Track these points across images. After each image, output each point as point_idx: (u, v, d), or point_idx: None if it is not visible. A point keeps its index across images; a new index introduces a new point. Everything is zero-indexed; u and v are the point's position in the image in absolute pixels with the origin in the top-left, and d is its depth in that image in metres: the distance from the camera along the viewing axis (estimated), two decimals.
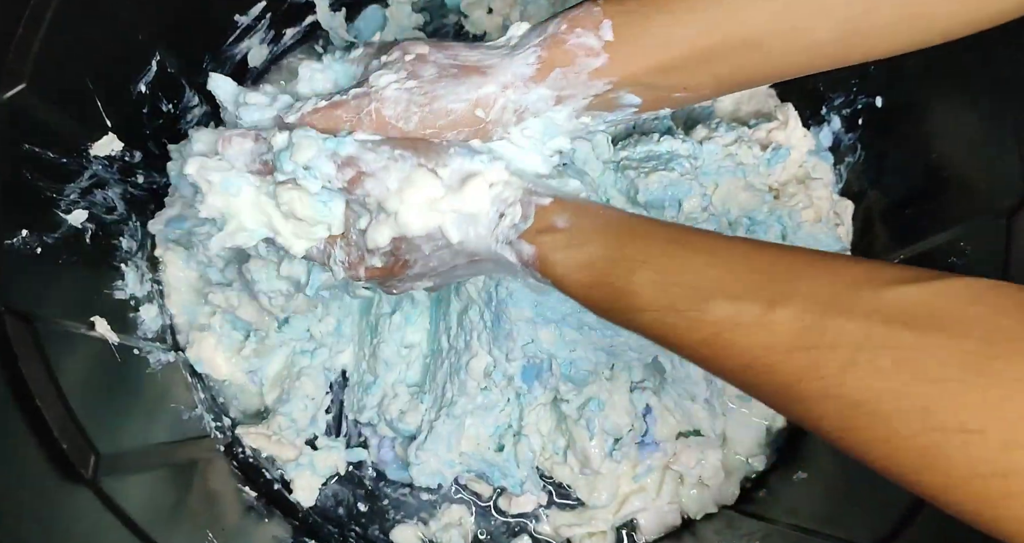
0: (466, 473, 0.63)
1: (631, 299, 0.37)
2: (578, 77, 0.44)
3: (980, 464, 0.28)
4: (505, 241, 0.41)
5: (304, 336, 0.65)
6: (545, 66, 0.44)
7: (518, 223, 0.41)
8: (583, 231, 0.40)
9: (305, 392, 0.65)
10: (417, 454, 0.62)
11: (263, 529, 0.63)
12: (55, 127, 0.53)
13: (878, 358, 0.30)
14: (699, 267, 0.36)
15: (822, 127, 0.67)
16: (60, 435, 0.47)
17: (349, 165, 0.43)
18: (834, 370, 0.31)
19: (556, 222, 0.40)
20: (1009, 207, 0.49)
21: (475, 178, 0.42)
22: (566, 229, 0.40)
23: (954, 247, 0.54)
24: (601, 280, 0.39)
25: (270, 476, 0.66)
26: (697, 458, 0.63)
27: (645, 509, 0.65)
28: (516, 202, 0.41)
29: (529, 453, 0.62)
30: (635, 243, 0.39)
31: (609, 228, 0.40)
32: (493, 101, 0.44)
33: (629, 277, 0.37)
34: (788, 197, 0.64)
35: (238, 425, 0.66)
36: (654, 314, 0.37)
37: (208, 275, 0.65)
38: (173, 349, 0.66)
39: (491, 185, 0.42)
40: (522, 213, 0.41)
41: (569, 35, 0.44)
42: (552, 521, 0.65)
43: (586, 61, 0.44)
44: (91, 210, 0.57)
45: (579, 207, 0.41)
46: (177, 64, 0.63)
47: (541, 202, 0.41)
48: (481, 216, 0.42)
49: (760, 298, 0.33)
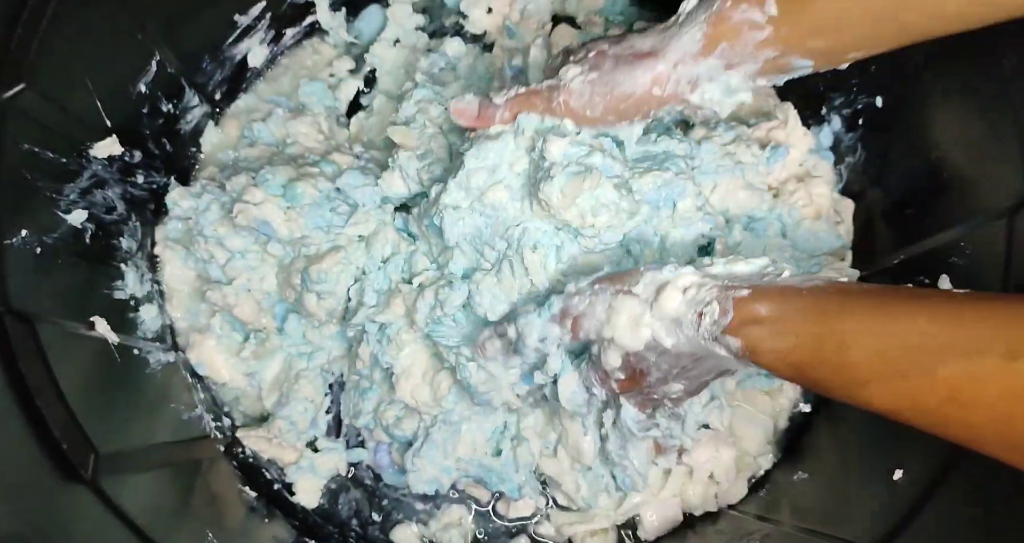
0: (464, 478, 0.63)
1: (852, 373, 0.37)
2: (745, 48, 0.47)
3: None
4: (711, 338, 0.42)
5: (301, 340, 0.65)
6: (710, 41, 0.47)
7: (718, 320, 0.41)
8: (787, 315, 0.39)
9: (304, 395, 0.65)
10: (414, 461, 0.61)
11: (264, 529, 0.63)
12: (55, 127, 0.53)
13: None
14: (922, 327, 0.35)
15: (822, 127, 0.67)
16: (60, 435, 0.47)
17: (565, 317, 0.48)
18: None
19: (758, 311, 0.40)
20: (1010, 207, 0.49)
21: (667, 287, 0.43)
22: (769, 317, 0.40)
23: (955, 247, 0.54)
24: (815, 360, 0.38)
25: (270, 477, 0.66)
26: (711, 453, 0.63)
27: (647, 503, 0.64)
28: (712, 300, 0.42)
29: (529, 457, 0.62)
30: (844, 317, 0.38)
31: (813, 306, 0.39)
32: (667, 78, 0.49)
33: (845, 352, 0.37)
34: (788, 195, 0.63)
35: (239, 428, 0.66)
36: (881, 385, 0.36)
37: (207, 272, 0.65)
38: (173, 349, 0.66)
39: (684, 290, 0.43)
40: (720, 309, 0.41)
41: (734, 11, 0.46)
42: (554, 520, 0.65)
43: (751, 34, 0.46)
44: (91, 210, 0.57)
45: (778, 291, 0.41)
46: (177, 64, 0.63)
47: (739, 294, 0.41)
48: (683, 319, 0.43)
49: (995, 349, 0.33)
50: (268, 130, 0.68)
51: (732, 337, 0.41)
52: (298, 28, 0.73)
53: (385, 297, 0.61)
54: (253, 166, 0.65)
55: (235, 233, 0.62)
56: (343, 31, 0.74)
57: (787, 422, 0.66)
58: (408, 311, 0.60)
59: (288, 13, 0.71)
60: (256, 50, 0.71)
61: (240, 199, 0.61)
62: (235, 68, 0.70)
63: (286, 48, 0.73)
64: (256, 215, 0.61)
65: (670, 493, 0.64)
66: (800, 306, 0.39)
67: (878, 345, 0.36)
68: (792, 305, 0.40)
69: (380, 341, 0.61)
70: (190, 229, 0.64)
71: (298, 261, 0.63)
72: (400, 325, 0.61)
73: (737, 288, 0.42)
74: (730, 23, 0.46)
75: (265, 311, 0.65)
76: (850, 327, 0.37)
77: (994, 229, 0.50)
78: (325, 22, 0.73)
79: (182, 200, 0.64)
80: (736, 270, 0.44)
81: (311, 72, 0.73)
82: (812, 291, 0.40)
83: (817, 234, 0.62)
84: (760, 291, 0.41)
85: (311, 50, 0.74)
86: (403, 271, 0.62)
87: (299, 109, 0.71)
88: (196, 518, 0.58)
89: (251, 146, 0.69)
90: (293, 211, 0.61)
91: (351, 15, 0.74)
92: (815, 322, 0.38)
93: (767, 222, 0.61)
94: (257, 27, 0.69)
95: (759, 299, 0.41)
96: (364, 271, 0.63)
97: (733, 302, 0.41)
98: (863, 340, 0.36)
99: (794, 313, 0.39)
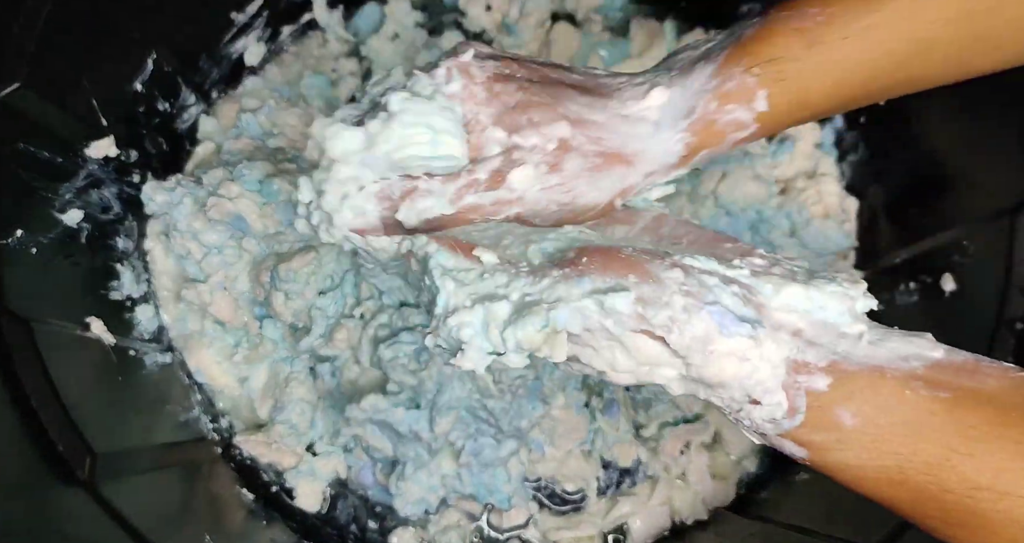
0: (452, 494, 0.63)
1: (982, 536, 0.29)
2: (720, 150, 0.41)
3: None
4: (755, 430, 0.33)
5: (282, 344, 0.65)
6: (691, 152, 0.40)
7: (781, 419, 0.32)
8: (883, 433, 0.30)
9: (298, 395, 0.64)
10: (398, 485, 0.61)
11: (262, 533, 0.63)
12: (50, 126, 0.52)
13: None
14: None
15: (824, 125, 0.67)
16: (56, 436, 0.46)
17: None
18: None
19: (840, 418, 0.31)
20: (1012, 206, 0.49)
21: (721, 357, 0.32)
22: (855, 429, 0.30)
23: (957, 246, 0.54)
24: (923, 503, 0.30)
25: (269, 479, 0.66)
26: (680, 448, 0.63)
27: (635, 513, 0.64)
28: (778, 388, 0.31)
29: (520, 466, 0.61)
30: (975, 458, 0.29)
31: (923, 430, 0.30)
32: (633, 189, 0.41)
33: (971, 507, 0.29)
34: (797, 192, 0.63)
35: (237, 433, 0.66)
36: (1011, 531, 0.28)
37: (186, 269, 0.64)
38: (169, 350, 0.65)
39: (742, 361, 0.32)
40: (788, 407, 0.31)
41: (720, 114, 0.39)
42: (541, 526, 0.65)
43: (733, 136, 0.40)
44: (87, 210, 0.57)
45: (868, 384, 0.31)
46: (173, 62, 0.63)
47: (814, 386, 0.31)
48: (721, 391, 0.33)
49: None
50: (257, 121, 0.68)
51: (794, 444, 0.32)
52: (295, 26, 0.72)
53: (330, 328, 0.61)
54: (234, 160, 0.65)
55: (210, 227, 0.62)
56: (341, 29, 0.73)
57: None
58: (352, 347, 0.61)
59: (285, 10, 0.70)
60: (253, 48, 0.70)
61: (215, 193, 0.61)
62: (232, 66, 0.70)
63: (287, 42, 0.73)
64: (230, 209, 0.60)
65: (658, 501, 0.64)
66: (905, 421, 0.30)
67: (1016, 490, 0.28)
68: (893, 418, 0.30)
69: (332, 374, 0.62)
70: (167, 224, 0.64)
71: (269, 259, 0.63)
72: (346, 357, 0.62)
73: (810, 371, 0.31)
74: (715, 128, 0.39)
75: (243, 310, 0.64)
76: (984, 481, 0.28)
77: (996, 228, 0.50)
78: (322, 20, 0.73)
79: (156, 194, 0.63)
80: (821, 307, 0.33)
81: (317, 65, 0.73)
82: (920, 395, 0.30)
83: (826, 233, 0.62)
84: (843, 382, 0.31)
85: (319, 41, 0.74)
86: (353, 296, 0.62)
87: (295, 100, 0.70)
88: (194, 521, 0.58)
89: (236, 139, 0.68)
90: (269, 207, 0.61)
91: (348, 13, 0.74)
92: (931, 459, 0.29)
93: (776, 220, 0.61)
94: (254, 25, 0.69)
95: (844, 399, 0.31)
96: (333, 279, 0.62)
97: (807, 398, 0.31)
98: (1004, 505, 0.28)
99: (896, 433, 0.30)
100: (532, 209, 0.39)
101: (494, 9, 0.73)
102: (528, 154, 0.39)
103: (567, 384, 0.62)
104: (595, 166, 0.39)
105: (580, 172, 0.39)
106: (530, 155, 0.39)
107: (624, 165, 0.40)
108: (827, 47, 0.37)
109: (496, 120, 0.39)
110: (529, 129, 0.39)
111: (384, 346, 0.57)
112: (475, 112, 0.39)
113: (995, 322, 0.49)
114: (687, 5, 0.72)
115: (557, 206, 0.39)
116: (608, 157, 0.40)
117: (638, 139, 0.40)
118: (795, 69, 0.38)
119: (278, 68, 0.72)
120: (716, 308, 0.32)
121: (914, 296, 0.59)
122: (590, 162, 0.39)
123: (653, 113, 0.40)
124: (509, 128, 0.39)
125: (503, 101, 0.40)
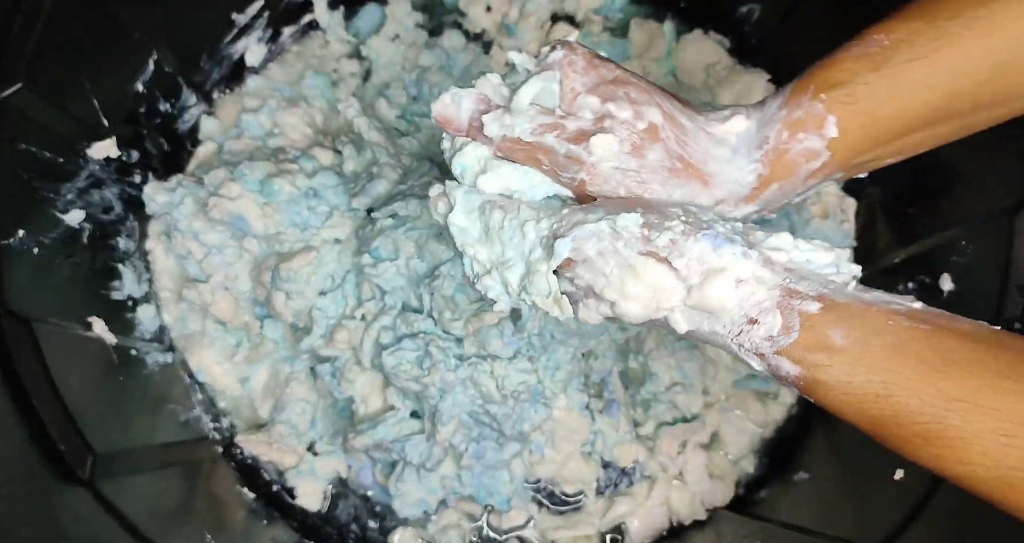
0: (452, 495, 0.63)
1: (956, 450, 0.30)
2: (792, 185, 0.40)
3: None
4: (753, 351, 0.35)
5: (283, 343, 0.65)
6: (763, 184, 0.40)
7: (777, 337, 0.34)
8: (869, 351, 0.32)
9: (298, 395, 0.64)
10: (397, 486, 0.61)
11: (263, 532, 0.63)
12: (52, 127, 0.52)
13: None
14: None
15: None
16: (57, 436, 0.46)
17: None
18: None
19: (831, 338, 0.33)
20: (1010, 206, 0.49)
21: (720, 276, 0.35)
22: (847, 350, 0.32)
23: (956, 246, 0.54)
24: (905, 420, 0.31)
25: (270, 478, 0.66)
26: (676, 447, 0.63)
27: (632, 513, 0.64)
28: (773, 308, 0.34)
29: (521, 468, 0.62)
30: (951, 376, 0.31)
31: (905, 349, 0.32)
32: (698, 211, 0.40)
33: (948, 421, 0.30)
34: None
35: (238, 432, 0.66)
36: (990, 471, 0.30)
37: (187, 269, 0.64)
38: (170, 350, 0.66)
39: (739, 282, 0.35)
40: (783, 324, 0.34)
41: (792, 142, 0.39)
42: (539, 525, 0.65)
43: (805, 167, 0.39)
44: (88, 210, 0.57)
45: (856, 313, 0.33)
46: (175, 63, 0.63)
47: (806, 308, 0.33)
48: (722, 314, 0.35)
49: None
50: (258, 121, 0.68)
51: (789, 361, 0.34)
52: (296, 26, 0.73)
53: (331, 329, 0.61)
54: (235, 160, 0.65)
55: (211, 228, 0.62)
56: (341, 30, 0.73)
57: (773, 433, 0.66)
58: (353, 347, 0.61)
59: (286, 11, 0.70)
60: (254, 49, 0.70)
61: (216, 193, 0.61)
62: (233, 66, 0.70)
63: (288, 43, 0.73)
64: (231, 209, 0.60)
65: (655, 501, 0.64)
66: (891, 344, 0.32)
67: (998, 427, 0.29)
68: (879, 339, 0.32)
69: (333, 374, 0.62)
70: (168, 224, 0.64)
71: (270, 258, 0.63)
72: (347, 358, 0.61)
73: (803, 297, 0.34)
74: (786, 158, 0.39)
75: (244, 309, 0.65)
76: (963, 396, 0.30)
77: (995, 228, 0.50)
78: (323, 21, 0.73)
79: (157, 195, 0.63)
80: (807, 260, 0.36)
81: (318, 65, 0.73)
82: (902, 325, 0.33)
83: (825, 233, 0.62)
84: (833, 308, 0.33)
85: (320, 42, 0.74)
86: (354, 297, 0.62)
87: (295, 100, 0.70)
88: (195, 520, 0.58)
89: (237, 139, 0.68)
90: (269, 207, 0.61)
91: (349, 13, 0.74)
92: (911, 375, 0.31)
93: (776, 219, 0.61)
94: (255, 26, 0.69)
95: (834, 322, 0.33)
96: (333, 279, 0.62)
97: (800, 317, 0.33)
98: (977, 417, 0.30)
99: (881, 351, 0.32)
100: (600, 186, 0.40)
101: (494, 10, 0.73)
102: (617, 126, 0.39)
103: (569, 385, 0.62)
104: (674, 170, 0.40)
105: (659, 168, 0.39)
106: (619, 127, 0.39)
107: (700, 182, 0.40)
108: (894, 70, 0.37)
109: (592, 89, 0.40)
110: (625, 102, 0.40)
111: (387, 353, 0.57)
112: (573, 80, 0.41)
113: (993, 322, 0.49)
114: (687, 6, 0.72)
115: (624, 190, 0.40)
116: (688, 166, 0.40)
117: (717, 160, 0.40)
118: (863, 92, 0.38)
119: (279, 68, 0.72)
120: (710, 232, 0.36)
121: (913, 296, 0.59)
122: (671, 162, 0.40)
123: (732, 139, 0.41)
124: (604, 97, 0.40)
125: (600, 74, 0.41)
